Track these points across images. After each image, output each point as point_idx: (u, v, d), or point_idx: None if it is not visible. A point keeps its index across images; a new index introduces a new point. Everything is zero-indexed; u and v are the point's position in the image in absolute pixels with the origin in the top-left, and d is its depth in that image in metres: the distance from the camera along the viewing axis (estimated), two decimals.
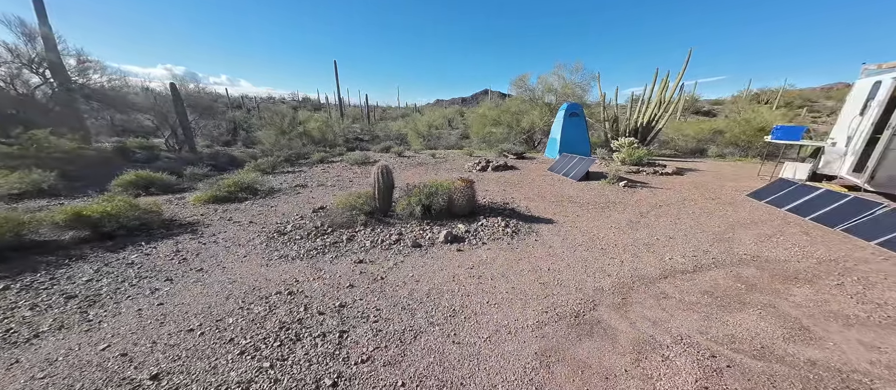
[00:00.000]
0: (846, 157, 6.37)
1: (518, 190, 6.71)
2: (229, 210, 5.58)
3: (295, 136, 15.76)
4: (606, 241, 4.02)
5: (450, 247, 3.88)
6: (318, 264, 3.51)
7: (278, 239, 4.20)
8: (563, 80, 14.41)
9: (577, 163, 8.05)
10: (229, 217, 5.21)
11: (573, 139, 11.40)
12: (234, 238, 4.31)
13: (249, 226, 4.75)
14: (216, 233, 4.52)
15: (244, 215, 5.28)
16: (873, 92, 5.99)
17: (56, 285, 3.10)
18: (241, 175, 7.08)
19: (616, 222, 4.71)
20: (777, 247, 3.89)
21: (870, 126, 5.89)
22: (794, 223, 4.66)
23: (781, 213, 5.08)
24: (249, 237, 4.32)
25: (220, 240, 4.24)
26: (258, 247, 3.96)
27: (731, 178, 7.95)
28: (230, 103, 28.01)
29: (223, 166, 10.42)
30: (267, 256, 3.72)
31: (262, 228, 4.63)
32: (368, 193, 5.03)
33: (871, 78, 6.16)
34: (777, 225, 4.62)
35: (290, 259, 3.64)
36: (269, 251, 3.85)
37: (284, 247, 3.96)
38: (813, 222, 4.60)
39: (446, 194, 4.76)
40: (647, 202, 5.74)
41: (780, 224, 4.66)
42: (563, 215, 5.03)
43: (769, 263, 3.48)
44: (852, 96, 6.63)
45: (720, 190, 6.63)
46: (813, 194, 5.08)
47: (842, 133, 6.64)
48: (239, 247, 3.99)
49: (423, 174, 8.67)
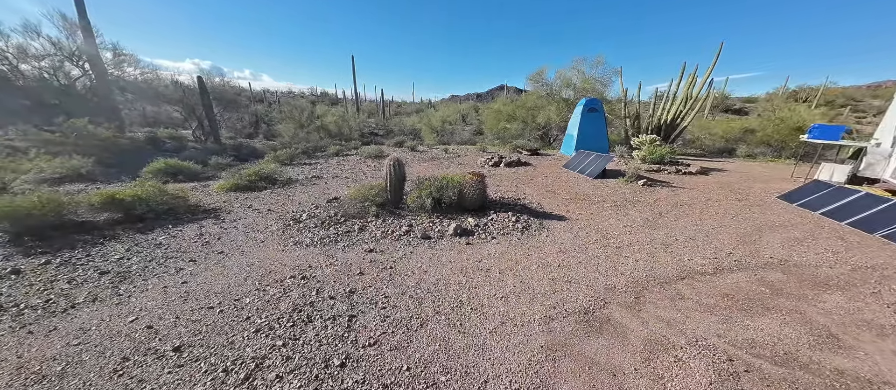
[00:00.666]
0: (892, 159, 5.88)
1: (531, 186, 6.61)
2: (249, 198, 5.81)
3: (313, 130, 16.15)
4: (621, 240, 3.91)
5: (459, 240, 3.88)
6: (330, 251, 3.61)
7: (294, 226, 4.34)
8: (582, 74, 14.00)
9: (593, 160, 7.84)
10: (249, 204, 5.42)
11: (591, 136, 11.08)
12: (253, 224, 4.48)
13: (268, 214, 4.93)
14: (237, 219, 4.71)
15: (263, 203, 5.48)
16: None
17: (91, 262, 3.34)
18: (261, 165, 7.34)
19: (632, 221, 4.57)
20: (808, 251, 3.66)
21: None
22: (828, 227, 4.36)
23: (815, 217, 4.77)
24: (267, 224, 4.48)
25: (240, 226, 4.42)
26: (275, 234, 4.11)
27: (760, 179, 7.52)
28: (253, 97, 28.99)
29: (245, 157, 10.84)
30: (283, 242, 3.85)
31: (279, 216, 4.79)
32: (380, 185, 5.10)
33: None
34: (809, 228, 4.34)
35: (305, 246, 3.75)
36: (285, 237, 3.99)
37: (299, 234, 4.09)
38: (849, 227, 4.29)
39: (457, 188, 4.75)
40: (667, 201, 5.52)
41: (813, 228, 4.37)
42: (577, 212, 4.92)
43: (798, 268, 3.28)
44: None
45: (748, 191, 6.29)
46: (851, 197, 4.72)
47: (888, 134, 6.13)
48: (257, 233, 4.15)
49: (434, 168, 8.69)
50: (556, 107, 13.91)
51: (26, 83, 11.24)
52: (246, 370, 1.97)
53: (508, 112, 15.80)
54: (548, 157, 10.78)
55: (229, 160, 9.34)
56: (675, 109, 14.16)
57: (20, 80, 11.23)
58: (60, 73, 11.84)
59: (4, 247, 3.52)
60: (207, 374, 1.95)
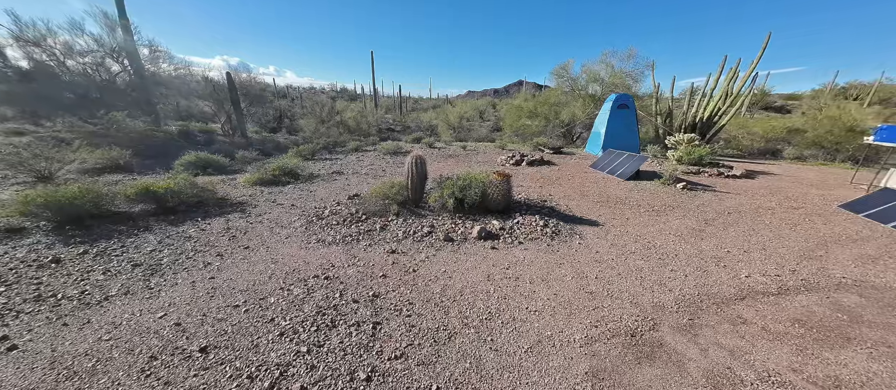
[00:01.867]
0: None
1: (557, 187, 6.29)
2: (274, 192, 5.87)
3: (332, 126, 16.36)
4: (664, 250, 3.58)
5: (483, 243, 3.70)
6: (352, 251, 3.52)
7: (317, 222, 4.30)
8: (611, 68, 13.27)
9: (624, 161, 7.37)
10: (273, 199, 5.47)
11: (620, 134, 10.49)
12: (277, 219, 4.49)
13: (291, 209, 4.94)
14: (262, 213, 4.75)
15: (287, 198, 5.51)
16: None
17: (125, 253, 3.42)
18: (284, 160, 7.43)
19: (675, 229, 4.20)
20: (886, 271, 3.20)
21: None
22: None
23: (887, 230, 4.20)
24: (291, 219, 4.47)
25: (265, 221, 4.43)
26: (298, 230, 4.08)
27: (815, 185, 6.81)
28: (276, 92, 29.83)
29: (269, 151, 11.10)
30: (306, 239, 3.81)
31: (302, 212, 4.78)
32: (401, 183, 4.98)
33: None
34: (883, 244, 3.82)
35: (327, 244, 3.69)
36: (308, 234, 3.95)
37: (322, 231, 4.04)
38: None
39: (480, 188, 4.55)
40: (712, 208, 5.07)
41: (887, 243, 3.85)
42: (611, 217, 4.59)
43: (877, 291, 2.86)
44: None
45: (804, 198, 5.68)
46: None
47: None
48: (281, 229, 4.15)
49: (454, 165, 8.51)
50: (582, 103, 13.30)
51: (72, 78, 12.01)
52: (271, 377, 1.89)
53: (529, 108, 15.30)
54: (572, 156, 10.32)
55: (255, 154, 9.56)
56: (714, 106, 13.20)
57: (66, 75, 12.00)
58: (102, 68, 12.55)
59: (48, 235, 3.67)
60: (233, 379, 1.88)
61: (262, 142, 13.42)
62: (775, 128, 13.12)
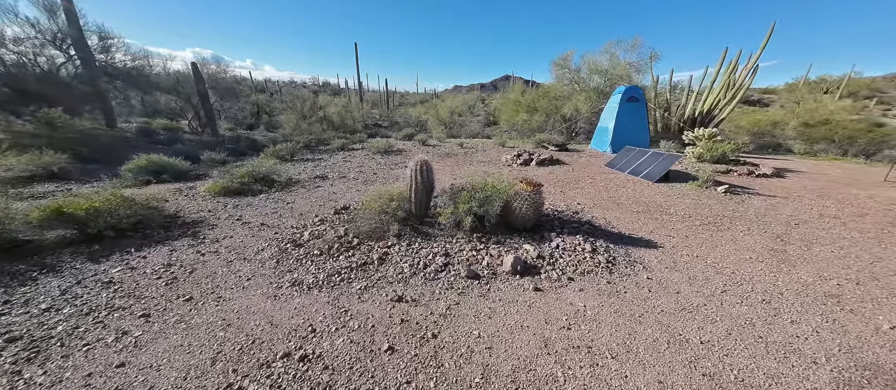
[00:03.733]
0: None
1: (581, 192, 5.42)
2: (241, 205, 4.74)
3: (315, 121, 15.02)
4: (759, 285, 2.74)
5: (520, 281, 2.76)
6: (342, 300, 2.52)
7: (292, 252, 3.25)
8: (614, 59, 12.51)
9: (649, 160, 6.58)
10: (239, 215, 4.36)
11: (629, 129, 9.75)
12: (240, 247, 3.41)
13: (260, 231, 3.85)
14: (220, 238, 3.65)
15: (256, 213, 4.41)
16: None
17: (5, 315, 2.30)
18: (256, 163, 6.25)
19: (750, 249, 3.38)
20: None
21: None
22: None
23: None
24: (258, 247, 3.40)
25: (223, 251, 3.35)
26: (267, 266, 3.03)
27: (850, 183, 6.23)
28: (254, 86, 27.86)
29: (243, 150, 9.79)
30: (276, 281, 2.77)
31: (274, 234, 3.71)
32: (400, 193, 3.97)
33: None
34: None
35: (306, 288, 2.66)
36: (280, 272, 2.90)
37: (299, 266, 3.00)
38: None
39: (502, 200, 3.61)
40: (772, 217, 4.31)
41: None
42: (665, 234, 3.74)
43: None
44: None
45: (855, 201, 5.03)
46: None
47: None
48: (244, 264, 3.08)
49: (454, 167, 7.53)
50: (586, 97, 12.51)
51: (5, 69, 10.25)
52: None
53: (528, 102, 14.43)
54: (579, 154, 9.52)
55: (224, 155, 8.27)
56: (713, 99, 12.75)
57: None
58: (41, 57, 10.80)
59: None
60: None
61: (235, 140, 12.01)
62: (760, 122, 13.12)
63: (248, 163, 6.56)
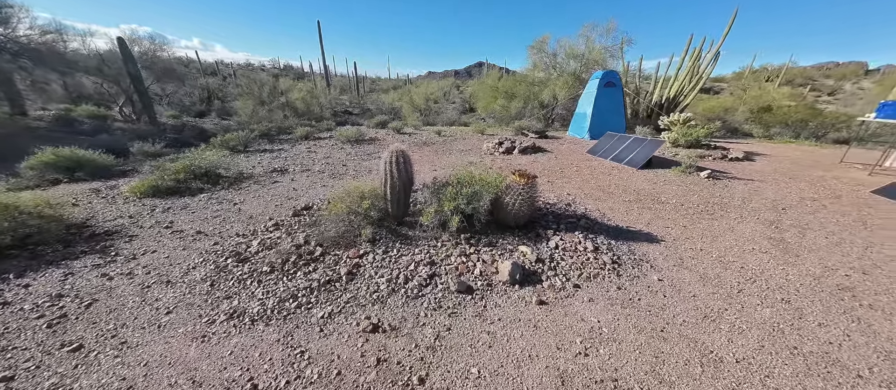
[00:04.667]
0: None
1: (568, 181, 5.11)
2: (174, 208, 3.87)
3: (276, 108, 13.58)
4: (772, 281, 2.52)
5: (521, 293, 2.33)
6: (297, 335, 1.93)
7: (234, 270, 2.56)
8: (590, 43, 12.37)
9: (630, 146, 6.43)
10: (169, 221, 3.52)
11: (607, 114, 9.68)
12: (163, 266, 2.66)
13: (195, 241, 3.09)
14: (138, 254, 2.85)
15: (193, 218, 3.59)
16: None
17: None
18: (197, 155, 5.25)
19: (749, 239, 3.21)
20: None
21: None
22: None
23: None
24: (189, 265, 2.67)
25: (140, 272, 2.58)
26: (197, 291, 2.33)
27: (811, 164, 6.53)
28: (203, 69, 24.92)
29: (188, 141, 8.46)
30: (208, 313, 2.11)
31: (212, 246, 2.97)
32: (373, 189, 3.36)
33: None
34: None
35: (249, 322, 2.03)
36: (214, 300, 2.23)
37: (241, 289, 2.34)
38: None
39: (492, 195, 3.14)
40: (759, 203, 4.24)
41: None
42: (663, 226, 3.49)
43: None
44: None
45: (824, 183, 5.18)
46: None
47: None
48: (165, 290, 2.36)
49: (433, 157, 6.95)
50: (563, 82, 12.32)
51: None
52: None
53: (506, 88, 14.03)
54: (559, 141, 9.31)
55: (161, 146, 7.03)
56: (679, 85, 13.17)
57: None
58: None
59: None
60: None
61: (179, 128, 10.49)
62: (714, 108, 13.97)
63: (187, 155, 5.52)
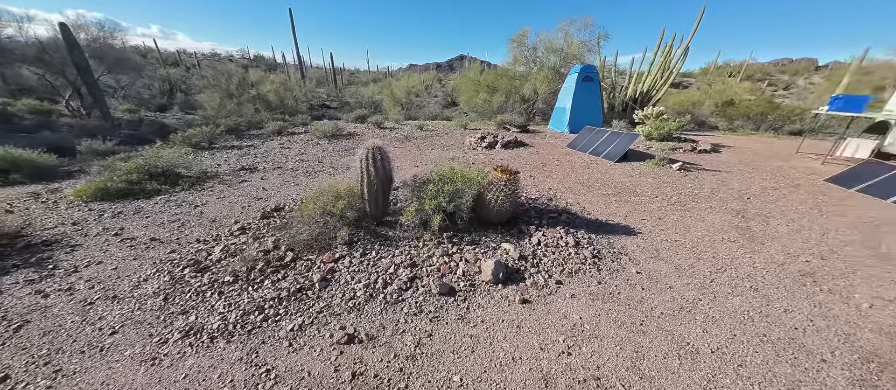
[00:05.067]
0: None
1: (550, 176, 5.14)
2: (125, 213, 3.51)
3: (246, 101, 12.81)
4: (741, 270, 2.62)
5: (504, 292, 2.27)
6: (263, 352, 1.77)
7: (191, 282, 2.33)
8: (569, 37, 12.51)
9: (608, 139, 6.57)
10: (119, 228, 3.18)
11: (585, 109, 9.87)
12: (109, 279, 2.38)
13: (148, 250, 2.80)
14: (82, 265, 2.54)
15: (146, 224, 3.26)
16: None
17: None
18: (153, 154, 4.80)
19: (719, 228, 3.34)
20: None
21: None
22: None
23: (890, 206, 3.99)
24: (140, 277, 2.40)
25: (82, 286, 2.30)
26: (148, 307, 2.10)
27: (770, 155, 6.97)
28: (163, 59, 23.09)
29: (146, 137, 7.79)
30: (160, 332, 1.89)
31: (168, 255, 2.70)
32: (349, 188, 3.19)
33: None
34: None
35: (207, 339, 1.84)
36: (168, 316, 2.01)
37: (200, 303, 2.13)
38: None
39: (474, 192, 3.06)
40: (726, 193, 4.43)
41: None
42: (640, 218, 3.56)
43: None
44: None
45: (783, 173, 5.52)
46: None
47: None
48: (111, 306, 2.10)
49: (415, 152, 6.79)
50: (544, 77, 12.41)
51: None
52: None
53: (488, 82, 13.98)
54: (540, 135, 9.40)
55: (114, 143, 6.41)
56: (652, 80, 13.68)
57: None
58: None
59: None
60: None
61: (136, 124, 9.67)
62: (683, 102, 14.71)
63: (142, 153, 5.04)
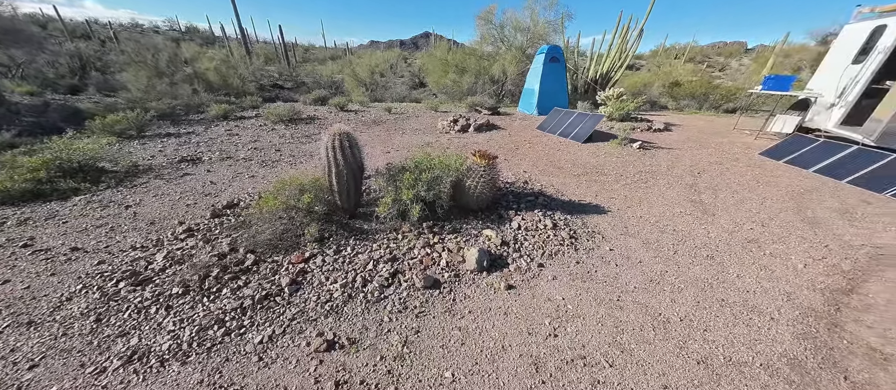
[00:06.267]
0: (834, 110, 6.26)
1: (524, 158, 5.17)
2: (35, 218, 2.90)
3: (181, 81, 11.22)
4: (698, 240, 2.84)
5: (489, 279, 2.24)
6: (228, 370, 1.56)
7: (129, 298, 1.99)
8: (534, 16, 12.47)
9: (575, 121, 6.76)
10: (28, 238, 2.62)
11: (552, 90, 10.03)
12: (20, 302, 1.95)
13: (69, 262, 2.34)
14: None
15: (64, 231, 2.72)
16: (873, 38, 5.65)
17: None
18: (66, 144, 3.99)
19: (675, 202, 3.59)
20: None
21: (869, 75, 5.63)
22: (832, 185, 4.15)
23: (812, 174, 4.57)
24: (61, 296, 2.00)
25: None
26: (75, 332, 1.75)
27: (713, 132, 7.67)
28: (69, 31, 19.32)
29: (54, 125, 6.52)
30: (94, 360, 1.58)
31: (96, 267, 2.28)
32: (317, 180, 2.91)
33: (869, 22, 5.79)
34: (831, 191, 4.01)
35: (157, 363, 1.58)
36: (102, 341, 1.69)
37: (143, 322, 1.82)
38: (851, 185, 4.15)
39: (454, 179, 2.95)
40: (680, 169, 4.78)
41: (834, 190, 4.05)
42: (608, 197, 3.71)
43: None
44: (841, 43, 6.35)
45: (727, 148, 6.09)
46: (843, 153, 4.66)
47: (827, 83, 6.46)
48: (26, 334, 1.72)
49: (386, 138, 6.45)
50: (513, 57, 12.34)
51: None
52: None
53: (457, 62, 13.60)
54: (511, 117, 9.43)
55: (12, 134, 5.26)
56: (610, 62, 14.28)
57: None
58: None
59: None
60: None
61: (40, 109, 8.07)
62: (636, 84, 15.69)
63: (50, 144, 4.18)
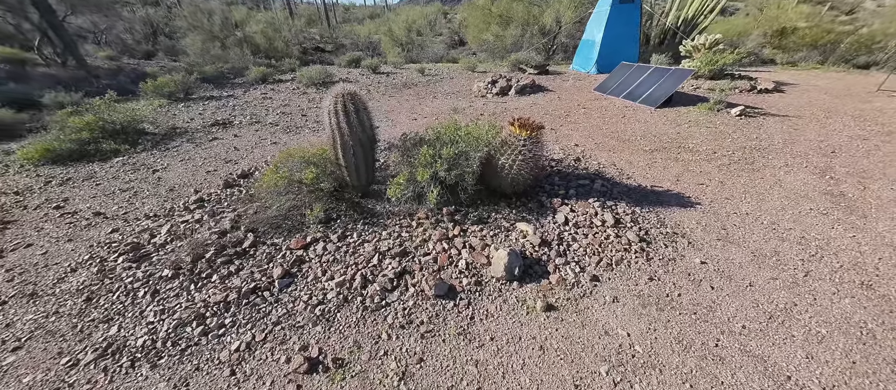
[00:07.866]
0: None
1: (576, 128, 4.24)
2: (76, 179, 3.01)
3: (232, 44, 11.52)
4: (843, 256, 1.95)
5: (521, 293, 1.71)
6: (196, 383, 1.32)
7: (123, 277, 1.86)
8: None
9: (653, 77, 5.36)
10: (64, 198, 2.70)
11: (619, 42, 8.24)
12: (34, 269, 1.94)
13: (89, 228, 2.32)
14: (8, 248, 2.12)
15: (94, 193, 2.77)
16: None
17: None
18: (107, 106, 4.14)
19: (801, 194, 2.57)
20: None
21: None
22: None
23: None
24: (68, 266, 1.95)
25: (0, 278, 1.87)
26: (66, 311, 1.65)
27: (845, 95, 5.68)
28: None
29: (125, 87, 7.06)
30: (71, 349, 1.46)
31: (108, 236, 2.22)
32: (323, 152, 2.50)
33: None
34: None
35: (127, 363, 1.39)
36: (85, 326, 1.56)
37: (128, 307, 1.66)
38: None
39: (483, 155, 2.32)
40: (803, 146, 3.51)
41: None
42: (695, 182, 2.80)
43: None
44: None
45: (872, 117, 4.41)
46: None
47: None
48: (26, 307, 1.67)
49: (415, 103, 5.85)
50: (570, 1, 10.39)
51: None
52: None
53: (500, 11, 11.94)
54: (562, 76, 8.06)
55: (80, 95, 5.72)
56: (699, 4, 11.33)
57: None
58: None
59: None
60: None
61: (114, 72, 8.84)
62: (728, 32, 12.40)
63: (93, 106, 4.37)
